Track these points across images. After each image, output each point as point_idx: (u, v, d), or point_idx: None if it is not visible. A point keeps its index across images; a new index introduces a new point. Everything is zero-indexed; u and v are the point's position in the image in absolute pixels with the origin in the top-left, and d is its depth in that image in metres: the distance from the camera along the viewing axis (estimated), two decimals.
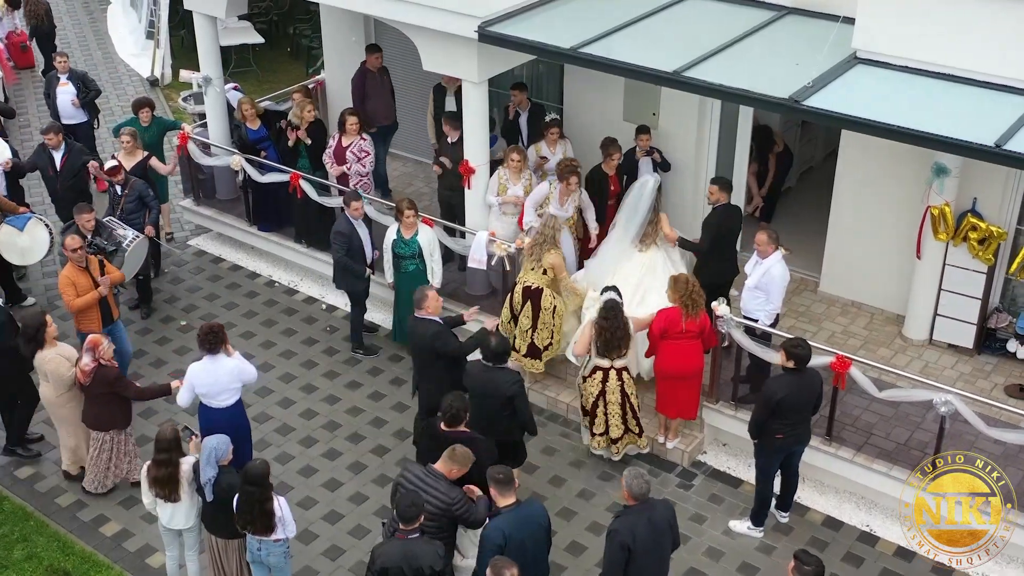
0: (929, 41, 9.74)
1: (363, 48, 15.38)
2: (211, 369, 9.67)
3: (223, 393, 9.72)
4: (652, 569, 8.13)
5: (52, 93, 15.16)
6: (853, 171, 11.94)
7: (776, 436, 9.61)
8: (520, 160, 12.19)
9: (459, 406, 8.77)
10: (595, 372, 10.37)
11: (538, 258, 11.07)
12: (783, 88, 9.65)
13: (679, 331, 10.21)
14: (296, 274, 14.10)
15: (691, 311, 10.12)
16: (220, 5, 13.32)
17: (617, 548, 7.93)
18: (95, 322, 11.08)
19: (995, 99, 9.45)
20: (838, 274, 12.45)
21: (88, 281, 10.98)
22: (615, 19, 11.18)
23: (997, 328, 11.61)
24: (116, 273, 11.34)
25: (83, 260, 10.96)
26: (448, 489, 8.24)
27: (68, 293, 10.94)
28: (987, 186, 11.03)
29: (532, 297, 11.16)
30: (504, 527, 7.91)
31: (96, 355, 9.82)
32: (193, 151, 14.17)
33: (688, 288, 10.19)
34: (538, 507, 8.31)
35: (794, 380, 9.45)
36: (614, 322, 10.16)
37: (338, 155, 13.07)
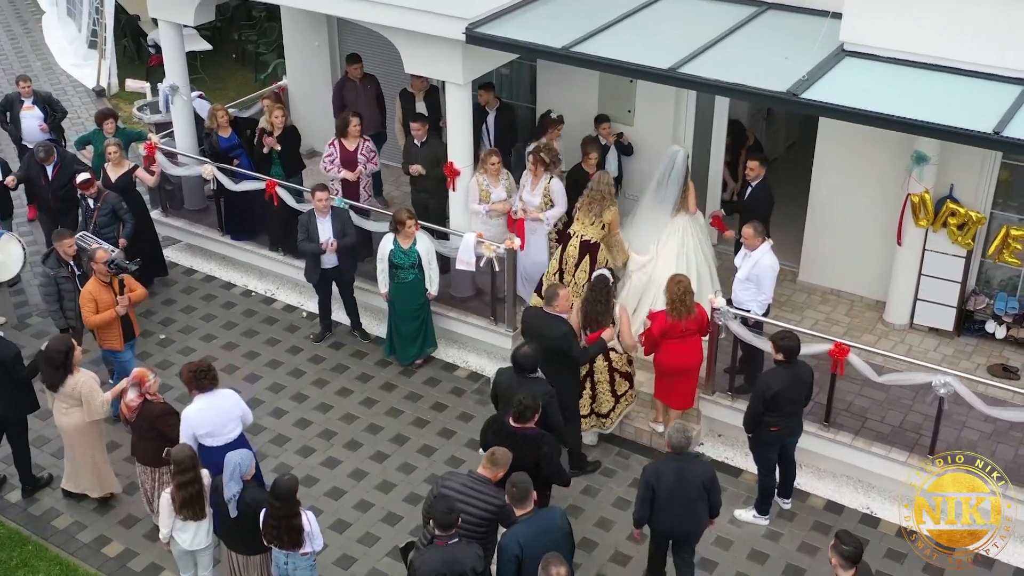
0: (916, 33, 9.99)
1: (327, 53, 15.33)
2: (213, 404, 9.31)
3: (229, 424, 9.34)
4: (676, 515, 8.82)
5: (15, 117, 14.63)
6: (831, 162, 12.17)
7: (771, 429, 9.77)
8: (498, 163, 12.19)
9: (529, 404, 8.81)
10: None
11: (598, 213, 11.27)
12: (778, 82, 9.82)
13: (680, 331, 10.36)
14: (272, 283, 13.93)
15: (681, 313, 10.27)
16: (188, 13, 13.09)
17: (643, 485, 8.83)
18: (117, 339, 10.92)
19: (984, 87, 9.73)
20: (817, 263, 12.69)
21: (110, 297, 10.79)
22: (600, 17, 11.25)
23: (975, 310, 11.94)
24: (139, 291, 11.12)
25: (108, 275, 10.77)
26: (497, 492, 8.25)
27: (87, 308, 10.74)
28: (963, 173, 11.34)
29: (591, 251, 11.33)
30: (519, 536, 7.94)
31: (142, 390, 9.50)
32: (161, 161, 13.91)
33: (680, 291, 10.31)
34: (556, 514, 8.34)
35: (786, 373, 9.62)
36: (597, 296, 10.31)
37: (348, 161, 12.93)
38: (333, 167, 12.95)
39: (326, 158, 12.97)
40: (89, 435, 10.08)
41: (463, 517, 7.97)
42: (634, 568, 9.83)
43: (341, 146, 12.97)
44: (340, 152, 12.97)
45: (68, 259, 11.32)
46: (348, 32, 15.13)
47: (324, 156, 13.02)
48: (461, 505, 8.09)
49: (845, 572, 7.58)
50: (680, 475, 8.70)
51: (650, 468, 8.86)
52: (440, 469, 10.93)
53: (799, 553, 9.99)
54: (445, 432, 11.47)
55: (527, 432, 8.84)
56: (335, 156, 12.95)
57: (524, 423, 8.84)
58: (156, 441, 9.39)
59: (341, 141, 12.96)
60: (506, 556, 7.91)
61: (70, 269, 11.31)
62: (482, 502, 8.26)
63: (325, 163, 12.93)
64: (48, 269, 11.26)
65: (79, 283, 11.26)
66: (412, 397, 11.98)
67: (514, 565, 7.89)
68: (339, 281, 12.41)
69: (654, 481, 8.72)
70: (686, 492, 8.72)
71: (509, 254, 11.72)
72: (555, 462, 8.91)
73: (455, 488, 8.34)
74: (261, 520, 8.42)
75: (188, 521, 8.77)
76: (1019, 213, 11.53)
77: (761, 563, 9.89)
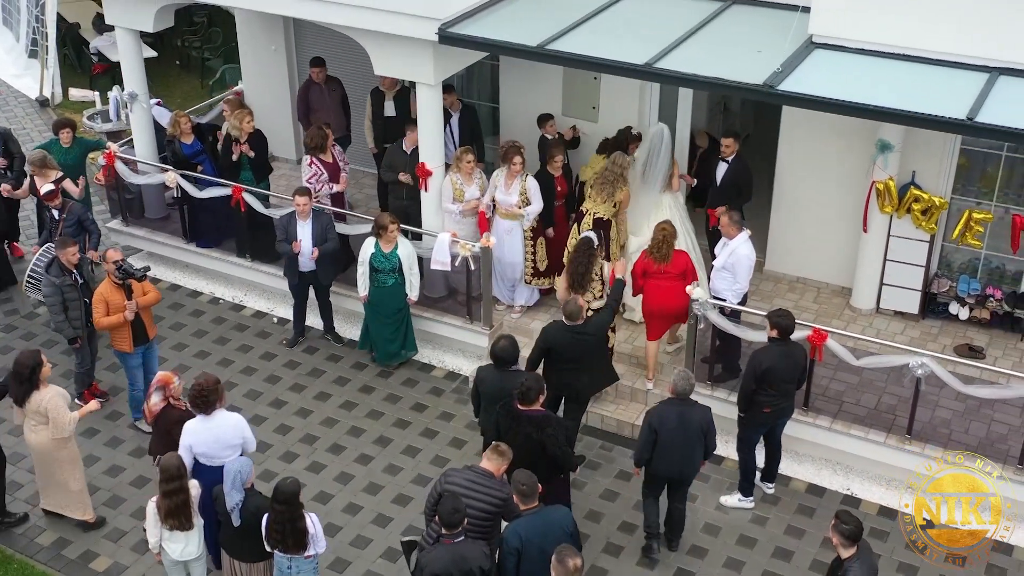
0: (882, 23, 10.25)
1: (284, 56, 15.25)
2: (210, 428, 9.04)
3: (225, 451, 9.05)
4: (676, 456, 9.35)
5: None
6: (795, 153, 12.42)
7: (763, 410, 9.98)
8: (473, 162, 12.24)
9: (532, 385, 8.96)
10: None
11: (610, 193, 11.51)
12: (752, 75, 10.01)
13: (657, 271, 10.91)
14: (240, 289, 13.82)
15: (657, 258, 10.88)
16: (147, 19, 12.92)
17: (646, 427, 9.34)
18: (126, 341, 10.86)
19: (951, 75, 10.02)
20: (783, 252, 12.93)
21: (122, 299, 10.70)
22: (568, 15, 11.34)
23: (939, 293, 12.27)
24: (151, 295, 10.98)
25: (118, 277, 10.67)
26: (500, 486, 8.32)
27: (98, 310, 10.67)
28: (925, 159, 11.65)
29: (604, 228, 11.53)
30: (520, 531, 8.03)
31: (166, 394, 9.35)
32: (121, 170, 13.72)
33: (659, 235, 10.92)
34: (561, 513, 8.41)
35: (779, 350, 9.84)
36: (581, 257, 10.68)
37: (333, 173, 12.80)
38: (323, 185, 12.72)
39: (311, 178, 12.68)
40: (60, 455, 9.83)
41: (471, 510, 8.02)
42: (627, 558, 9.96)
43: (321, 162, 12.73)
44: (324, 168, 12.73)
45: (71, 267, 11.12)
46: (306, 35, 15.06)
47: (307, 177, 12.71)
48: (465, 500, 8.12)
49: (847, 550, 7.77)
50: (682, 419, 9.25)
51: (654, 412, 9.34)
52: (426, 469, 10.97)
53: (786, 536, 10.19)
54: (428, 432, 11.49)
55: (532, 413, 8.98)
56: (321, 173, 12.71)
57: (529, 404, 8.96)
58: (172, 446, 9.25)
59: (319, 157, 12.69)
60: (507, 549, 8.00)
61: (73, 278, 11.10)
62: (486, 495, 8.31)
63: (312, 184, 12.63)
64: (53, 278, 11.05)
65: (82, 292, 11.11)
66: (391, 399, 11.97)
67: (514, 558, 7.97)
68: (316, 285, 12.35)
69: (657, 425, 9.24)
70: (687, 435, 9.27)
71: (485, 253, 11.78)
72: (560, 443, 9.04)
73: (458, 483, 8.38)
74: (264, 526, 8.37)
75: (176, 531, 8.69)
76: (977, 197, 11.88)
77: (750, 547, 10.07)
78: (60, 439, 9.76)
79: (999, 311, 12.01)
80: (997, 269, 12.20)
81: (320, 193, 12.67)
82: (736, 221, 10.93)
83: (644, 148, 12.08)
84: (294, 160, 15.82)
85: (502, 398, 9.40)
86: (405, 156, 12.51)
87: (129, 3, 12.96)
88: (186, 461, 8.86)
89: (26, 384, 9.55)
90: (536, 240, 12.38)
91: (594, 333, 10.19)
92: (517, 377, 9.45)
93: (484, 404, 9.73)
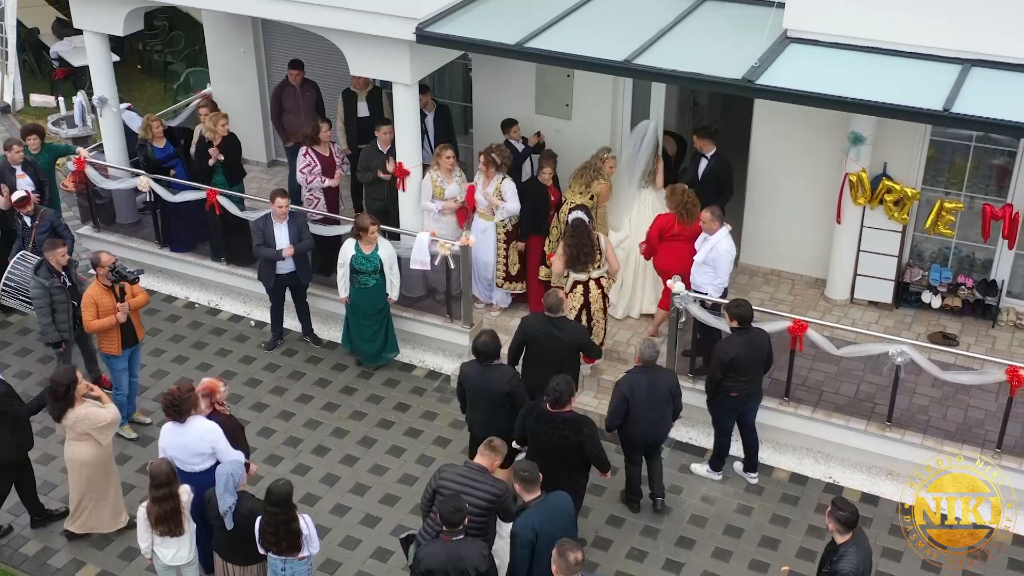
0: (856, 17, 10.42)
1: (253, 59, 15.18)
2: (181, 433, 8.96)
3: (193, 458, 8.98)
4: (649, 420, 9.78)
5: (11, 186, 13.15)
6: (768, 147, 12.56)
7: (731, 395, 10.17)
8: (452, 158, 12.24)
9: (564, 388, 9.02)
10: (576, 287, 11.07)
11: (587, 183, 11.67)
12: (730, 70, 10.12)
13: (672, 234, 11.23)
14: (215, 293, 13.74)
15: (687, 218, 11.22)
16: (117, 23, 12.80)
17: (618, 396, 9.71)
18: (115, 344, 10.76)
19: (925, 67, 10.20)
20: (758, 245, 13.08)
21: (112, 301, 10.58)
22: (544, 13, 11.40)
23: (911, 282, 12.47)
24: (140, 296, 10.88)
25: (109, 279, 10.55)
26: (494, 482, 8.35)
27: (88, 313, 10.55)
28: (896, 151, 11.84)
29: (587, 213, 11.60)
30: (533, 522, 8.08)
31: (212, 400, 9.26)
32: (92, 175, 13.59)
33: (684, 198, 11.28)
34: (563, 497, 8.48)
35: (742, 339, 10.04)
36: (579, 239, 10.87)
37: (328, 167, 12.78)
38: (315, 177, 12.71)
39: (304, 168, 12.70)
40: (99, 465, 9.76)
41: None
42: (616, 551, 10.02)
43: (316, 154, 12.76)
44: (318, 160, 12.75)
45: (60, 269, 10.99)
46: (275, 36, 15.00)
47: (300, 168, 12.74)
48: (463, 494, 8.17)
49: (843, 536, 7.89)
50: (651, 386, 9.70)
51: (624, 382, 9.73)
52: (412, 468, 10.99)
53: (772, 525, 10.31)
54: (412, 432, 11.50)
55: (566, 416, 9.05)
56: (314, 165, 12.71)
57: (562, 407, 9.02)
58: None
59: (314, 149, 12.76)
60: (520, 542, 8.03)
61: (62, 280, 10.97)
62: (481, 491, 8.34)
63: (304, 174, 12.66)
64: (42, 280, 10.90)
65: (71, 295, 10.98)
66: (374, 399, 11.97)
67: (528, 551, 8.01)
68: (294, 287, 12.31)
69: (629, 393, 9.65)
70: (657, 399, 9.74)
71: (464, 251, 11.80)
72: (597, 444, 9.12)
73: (453, 479, 8.41)
74: (257, 528, 8.35)
75: (166, 536, 8.65)
76: (946, 187, 12.09)
77: (737, 537, 10.19)
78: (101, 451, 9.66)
79: (970, 299, 12.23)
80: (967, 258, 12.42)
81: (312, 185, 12.63)
82: (718, 217, 11.05)
83: (629, 144, 12.14)
84: (265, 163, 15.76)
85: (486, 393, 9.50)
86: (382, 156, 12.49)
87: (98, 7, 12.83)
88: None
89: (62, 401, 9.39)
90: (509, 244, 12.39)
91: (571, 334, 10.23)
92: (500, 371, 9.55)
93: (469, 399, 9.79)
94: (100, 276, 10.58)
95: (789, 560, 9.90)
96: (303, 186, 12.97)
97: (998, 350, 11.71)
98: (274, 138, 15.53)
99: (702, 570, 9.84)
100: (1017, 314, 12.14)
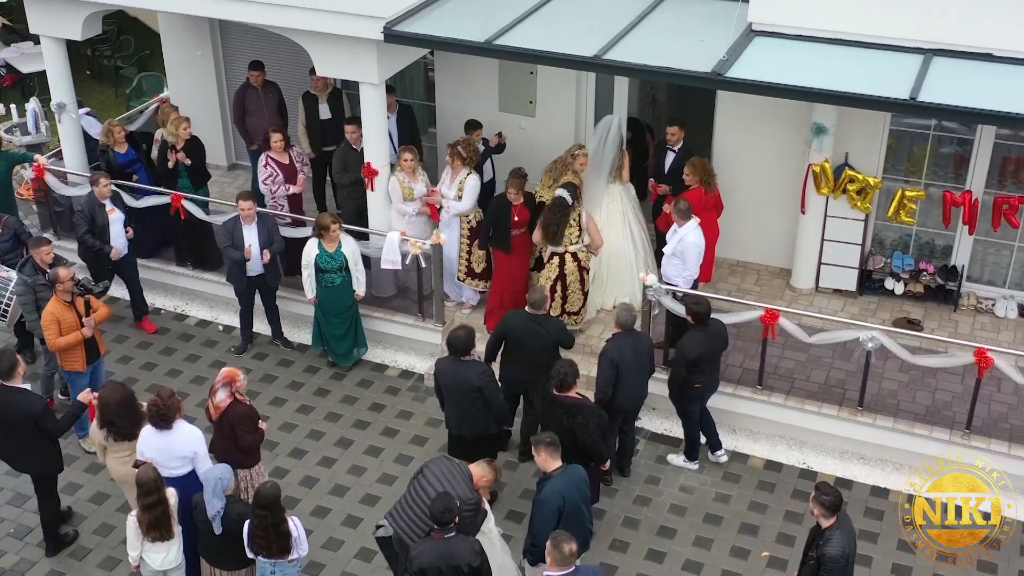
0: (819, 10, 10.60)
1: (211, 62, 15.05)
2: (161, 436, 8.89)
3: (173, 461, 8.89)
4: (635, 384, 10.02)
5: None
6: (730, 141, 12.71)
7: (695, 387, 10.38)
8: (413, 159, 12.22)
9: (567, 371, 9.16)
10: (552, 258, 11.47)
11: (556, 178, 11.79)
12: (699, 63, 10.24)
13: (703, 207, 11.53)
14: (180, 298, 13.61)
15: (709, 187, 11.75)
16: (75, 28, 12.64)
17: (608, 364, 9.87)
18: (79, 360, 10.48)
19: (889, 58, 10.38)
20: (723, 237, 13.09)
21: (73, 318, 10.31)
22: (512, 10, 11.43)
23: (874, 270, 12.70)
24: (102, 310, 10.65)
25: (70, 295, 10.29)
26: (465, 490, 8.36)
27: (51, 331, 10.25)
28: (857, 141, 12.05)
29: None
30: (562, 489, 8.22)
31: (232, 389, 9.19)
32: (52, 183, 13.40)
33: (702, 168, 11.77)
34: (580, 470, 8.62)
35: (703, 335, 10.25)
36: (554, 216, 11.26)
37: (290, 175, 12.69)
38: (279, 187, 12.63)
39: (267, 180, 12.60)
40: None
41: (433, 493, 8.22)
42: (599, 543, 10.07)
43: (276, 163, 12.63)
44: (279, 168, 12.64)
45: (45, 267, 10.80)
46: (233, 39, 14.88)
47: (263, 179, 12.65)
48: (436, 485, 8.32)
49: (827, 520, 8.02)
50: (635, 349, 9.97)
51: (611, 348, 9.89)
52: (391, 468, 10.99)
53: (750, 512, 10.46)
54: (388, 431, 11.49)
55: (566, 399, 9.16)
56: (276, 175, 12.61)
57: (566, 390, 9.16)
58: (234, 443, 9.27)
59: (272, 157, 12.63)
60: (549, 508, 8.20)
61: (46, 277, 10.74)
62: (451, 487, 8.34)
63: (268, 185, 12.58)
64: (25, 277, 10.70)
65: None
66: (348, 400, 11.94)
67: (556, 516, 8.15)
68: (263, 289, 12.24)
69: (618, 359, 9.83)
70: (640, 363, 10.04)
71: (436, 250, 11.81)
72: (591, 432, 9.13)
73: (434, 472, 8.50)
74: (246, 532, 8.31)
75: (157, 542, 8.58)
76: (905, 176, 12.33)
77: (717, 525, 10.32)
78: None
79: (932, 284, 12.48)
80: (927, 244, 12.67)
81: (276, 195, 12.56)
82: (686, 210, 11.17)
83: (593, 140, 12.24)
84: (225, 166, 15.63)
85: (458, 387, 9.59)
86: (358, 154, 12.42)
87: (56, 11, 12.65)
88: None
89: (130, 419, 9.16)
90: (473, 241, 12.40)
91: (553, 331, 10.30)
92: (471, 366, 9.62)
93: (445, 395, 9.84)
94: (60, 292, 10.29)
95: (769, 545, 10.07)
96: (267, 195, 12.83)
97: (961, 334, 11.97)
98: (234, 141, 15.42)
99: (684, 559, 9.96)
100: (977, 298, 12.41)
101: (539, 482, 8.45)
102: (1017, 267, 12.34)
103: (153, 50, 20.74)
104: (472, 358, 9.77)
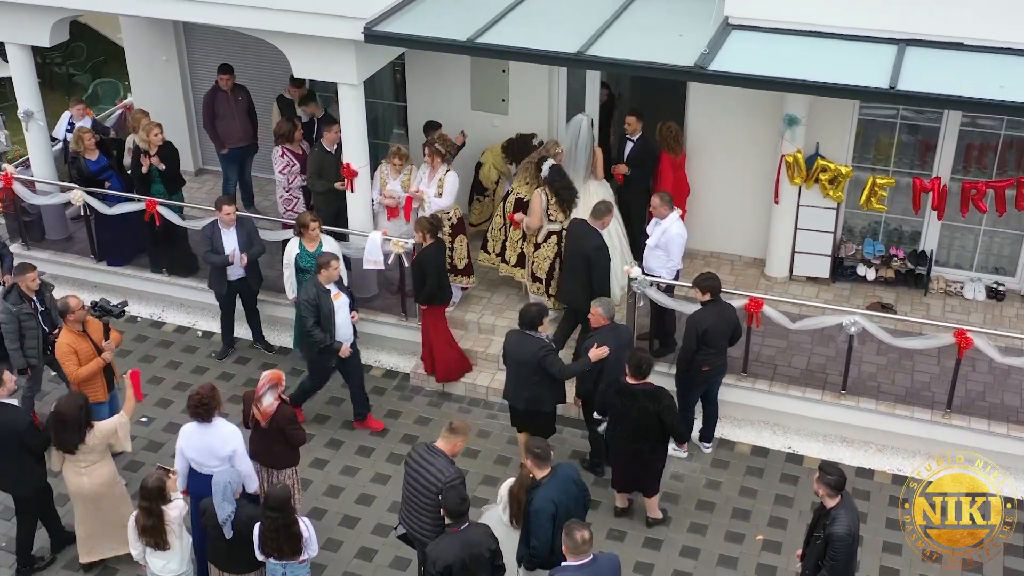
0: (794, 3, 10.82)
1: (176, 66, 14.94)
2: (203, 434, 8.94)
3: (212, 460, 8.90)
4: (617, 375, 9.85)
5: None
6: (703, 133, 12.90)
7: (703, 369, 10.49)
8: (400, 164, 12.28)
9: (644, 359, 9.45)
10: (549, 238, 11.67)
11: (534, 175, 12.04)
12: (680, 57, 10.41)
13: (674, 167, 12.32)
14: (156, 305, 13.50)
15: (675, 152, 12.34)
16: (43, 34, 12.49)
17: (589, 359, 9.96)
18: (100, 389, 10.15)
19: (865, 49, 10.63)
20: (697, 229, 13.33)
21: (90, 347, 9.96)
22: (491, 8, 11.51)
23: (846, 257, 12.98)
24: (115, 335, 10.36)
25: (80, 323, 9.93)
26: (445, 467, 8.39)
27: (70, 363, 9.85)
28: (827, 131, 12.30)
29: (525, 208, 11.89)
30: (553, 496, 8.25)
31: (278, 392, 9.14)
32: (20, 192, 13.22)
33: (666, 133, 12.40)
34: (571, 469, 8.71)
35: (713, 310, 10.42)
36: (565, 181, 11.55)
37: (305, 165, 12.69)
38: (296, 177, 12.70)
39: (284, 169, 12.70)
40: (115, 490, 9.50)
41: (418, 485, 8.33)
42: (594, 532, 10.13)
43: (293, 153, 12.79)
44: (296, 158, 12.79)
45: (31, 294, 10.54)
46: (198, 42, 14.77)
47: (279, 168, 12.75)
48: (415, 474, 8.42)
49: (832, 500, 8.20)
50: (618, 340, 10.09)
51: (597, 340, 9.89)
52: (383, 467, 11.02)
53: (741, 497, 10.65)
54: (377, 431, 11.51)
55: (646, 388, 9.40)
56: (293, 164, 12.73)
57: (643, 378, 9.38)
58: (281, 444, 9.25)
59: (288, 148, 12.76)
60: (543, 516, 8.21)
61: (33, 305, 10.52)
62: (429, 474, 8.40)
63: (285, 175, 12.74)
64: (10, 305, 10.41)
65: (42, 320, 10.56)
66: (334, 402, 11.93)
67: (552, 524, 8.19)
68: (244, 293, 12.19)
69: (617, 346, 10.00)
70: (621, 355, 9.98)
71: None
72: (675, 414, 9.49)
73: (414, 458, 8.59)
74: (256, 534, 8.30)
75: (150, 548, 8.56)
76: (873, 164, 12.61)
77: (710, 511, 10.49)
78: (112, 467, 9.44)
79: (902, 269, 12.79)
80: (896, 231, 12.97)
81: (293, 184, 12.74)
82: (667, 201, 11.33)
83: (567, 138, 12.31)
84: (193, 172, 15.50)
85: (517, 359, 9.87)
86: (331, 157, 12.41)
87: (23, 18, 12.48)
88: (178, 465, 8.87)
89: (83, 427, 9.03)
90: (455, 238, 12.45)
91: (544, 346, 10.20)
92: (534, 341, 9.86)
93: (507, 365, 10.09)
94: (70, 323, 9.94)
95: (761, 529, 10.26)
96: (283, 186, 12.90)
97: (933, 316, 12.27)
98: (202, 146, 15.31)
99: (681, 545, 10.12)
100: (946, 281, 12.74)
101: (529, 491, 8.43)
102: (983, 250, 12.69)
103: (106, 56, 20.54)
104: (539, 334, 9.92)
